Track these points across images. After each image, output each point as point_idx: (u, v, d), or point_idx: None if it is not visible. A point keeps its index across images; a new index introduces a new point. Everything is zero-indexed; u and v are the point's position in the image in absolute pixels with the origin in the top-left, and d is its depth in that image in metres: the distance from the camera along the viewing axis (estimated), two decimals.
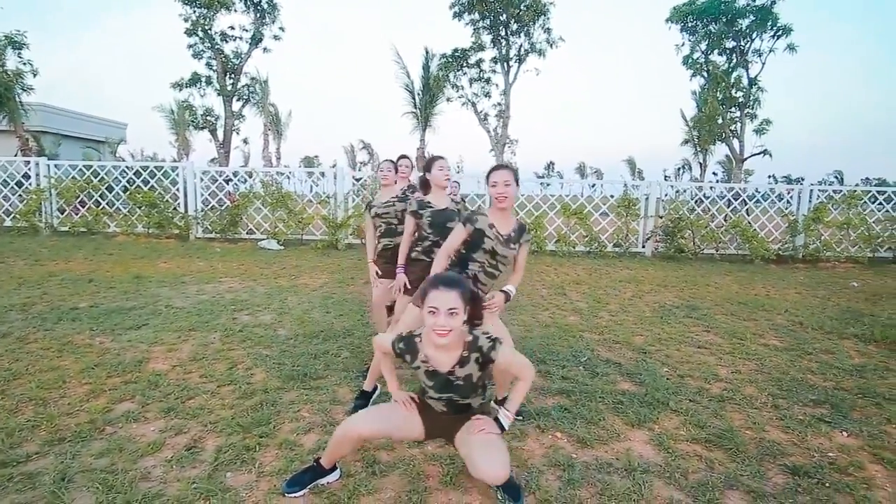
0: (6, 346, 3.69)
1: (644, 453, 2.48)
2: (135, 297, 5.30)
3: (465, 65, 19.81)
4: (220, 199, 11.04)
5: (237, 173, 11.33)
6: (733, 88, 17.47)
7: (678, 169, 61.50)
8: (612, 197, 10.77)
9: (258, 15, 18.05)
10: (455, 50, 19.57)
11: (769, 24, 16.55)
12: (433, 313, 1.83)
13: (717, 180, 46.28)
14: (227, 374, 3.29)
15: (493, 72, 19.96)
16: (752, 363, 3.85)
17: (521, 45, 19.05)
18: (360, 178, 11.24)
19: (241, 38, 18.18)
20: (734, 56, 17.61)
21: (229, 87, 18.34)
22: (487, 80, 20.13)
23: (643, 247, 10.46)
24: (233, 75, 18.41)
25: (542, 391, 3.19)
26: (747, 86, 17.48)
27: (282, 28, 18.58)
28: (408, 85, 19.56)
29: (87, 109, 22.63)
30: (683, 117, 26.69)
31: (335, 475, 2.16)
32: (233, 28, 18.02)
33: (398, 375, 2.29)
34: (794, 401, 3.16)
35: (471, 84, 20.17)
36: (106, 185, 10.96)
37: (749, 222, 10.42)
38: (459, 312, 1.85)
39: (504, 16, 18.26)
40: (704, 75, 18.36)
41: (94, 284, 5.84)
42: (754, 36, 17.05)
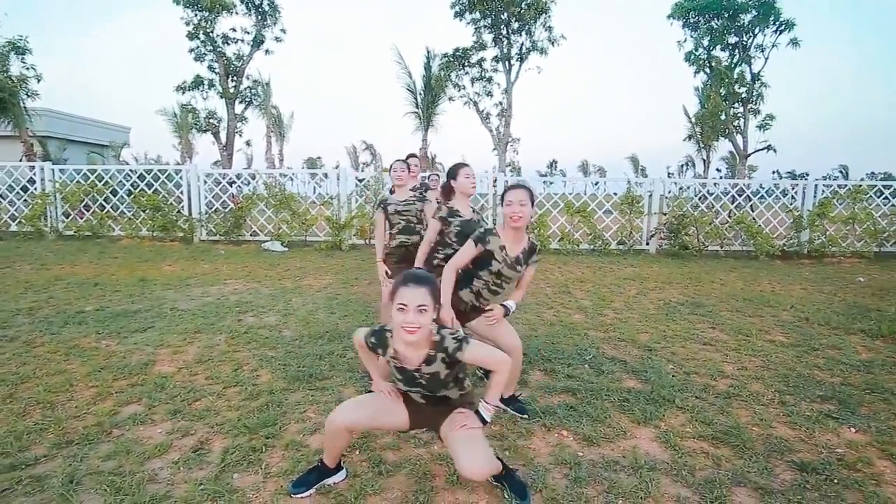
0: (14, 350, 3.71)
1: (650, 451, 2.48)
2: (140, 300, 5.33)
3: (466, 64, 19.76)
4: (224, 202, 11.09)
5: (240, 175, 11.38)
6: (736, 84, 17.37)
7: (682, 166, 61.39)
8: (615, 194, 10.74)
9: (259, 17, 18.09)
10: (456, 49, 19.54)
11: (771, 19, 16.44)
12: (402, 310, 1.83)
13: (721, 176, 46.10)
14: (232, 376, 3.31)
15: (495, 71, 19.91)
16: (758, 359, 3.83)
17: (522, 44, 19.00)
18: (363, 179, 11.26)
19: (242, 40, 18.22)
20: (737, 52, 17.50)
21: (232, 90, 18.40)
22: (489, 79, 20.07)
23: (647, 244, 10.43)
24: (235, 78, 18.46)
25: (547, 389, 3.18)
26: (750, 81, 17.37)
27: (283, 30, 18.62)
28: (409, 85, 19.62)
29: (90, 114, 22.83)
30: (686, 114, 26.70)
31: (341, 475, 2.17)
32: (234, 30, 18.06)
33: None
34: (800, 397, 3.14)
35: (472, 83, 20.13)
36: (110, 189, 11.03)
37: (753, 218, 10.38)
38: (429, 310, 1.85)
39: (505, 14, 18.22)
40: (707, 71, 18.26)
41: (100, 288, 5.87)
42: (757, 31, 16.94)
